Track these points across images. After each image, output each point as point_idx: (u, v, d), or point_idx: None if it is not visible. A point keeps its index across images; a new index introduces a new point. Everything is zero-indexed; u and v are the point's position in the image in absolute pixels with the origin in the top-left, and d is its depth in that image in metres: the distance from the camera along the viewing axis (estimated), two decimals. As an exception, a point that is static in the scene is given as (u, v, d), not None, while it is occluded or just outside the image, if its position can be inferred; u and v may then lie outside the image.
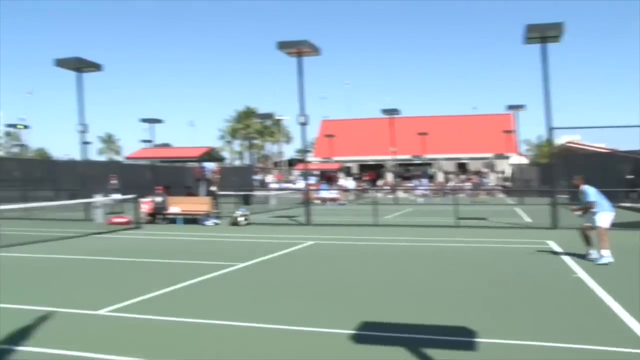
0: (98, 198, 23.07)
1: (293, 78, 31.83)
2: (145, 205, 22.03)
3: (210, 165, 27.21)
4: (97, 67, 24.15)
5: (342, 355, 5.33)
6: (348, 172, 61.60)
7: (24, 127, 58.88)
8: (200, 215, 21.43)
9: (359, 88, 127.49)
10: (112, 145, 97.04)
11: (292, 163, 73.50)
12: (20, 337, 5.92)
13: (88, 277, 10.05)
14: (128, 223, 20.55)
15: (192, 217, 21.74)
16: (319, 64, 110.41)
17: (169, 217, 21.88)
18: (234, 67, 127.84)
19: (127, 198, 22.97)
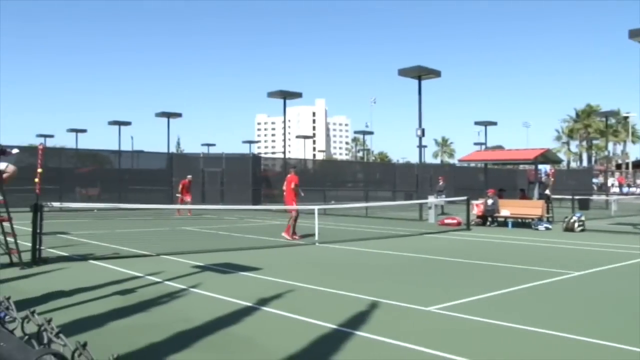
0: (431, 199, 24.01)
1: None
2: (476, 208, 22.16)
3: (545, 168, 26.06)
4: (437, 74, 25.01)
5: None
6: None
7: (369, 133, 64.49)
8: (532, 219, 20.64)
9: None
10: (446, 148, 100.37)
11: (638, 165, 65.76)
12: (358, 323, 6.46)
13: (419, 274, 10.49)
14: (458, 224, 20.90)
15: (523, 220, 21.10)
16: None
17: (499, 219, 21.59)
18: (573, 63, 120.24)
19: (458, 200, 23.42)
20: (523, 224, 21.08)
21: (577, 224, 19.35)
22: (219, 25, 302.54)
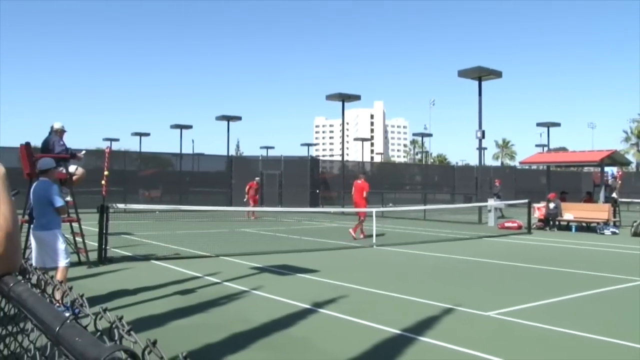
0: (490, 202, 23.57)
1: None
2: (538, 211, 21.63)
3: (612, 170, 25.17)
4: (497, 74, 24.55)
5: None
6: None
7: (427, 135, 63.81)
8: (598, 223, 19.97)
9: None
10: (507, 150, 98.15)
11: None
12: (415, 327, 6.43)
13: (478, 278, 10.34)
14: (519, 228, 20.46)
15: (588, 224, 20.45)
16: None
17: (562, 223, 21.00)
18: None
19: (519, 203, 22.89)
20: (588, 228, 20.44)
21: (646, 229, 18.62)
22: (278, 29, 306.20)
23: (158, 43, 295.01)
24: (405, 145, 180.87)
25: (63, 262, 7.22)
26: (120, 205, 13.15)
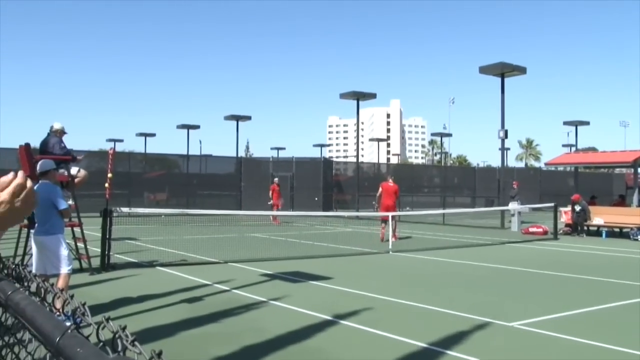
0: (513, 205, 23.43)
1: None
2: (565, 215, 21.47)
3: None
4: (522, 70, 24.41)
5: None
6: None
7: (447, 135, 63.62)
8: (631, 229, 19.77)
9: None
10: (531, 151, 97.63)
11: None
12: (433, 337, 6.38)
13: (500, 286, 10.27)
14: (544, 233, 20.31)
15: (619, 230, 20.26)
16: None
17: (592, 228, 20.82)
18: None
19: (544, 207, 22.75)
20: (620, 234, 20.25)
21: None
22: (289, 26, 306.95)
23: (164, 40, 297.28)
24: (423, 146, 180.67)
25: (65, 268, 7.25)
26: (125, 209, 13.24)
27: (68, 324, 1.11)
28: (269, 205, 26.47)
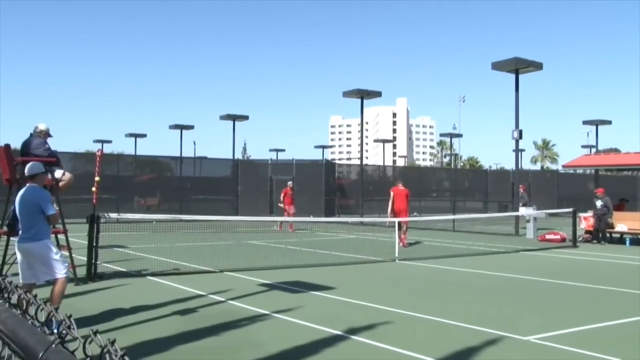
0: (528, 211, 23.41)
1: None
2: (584, 221, 21.45)
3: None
4: (537, 66, 24.36)
5: None
6: None
7: (457, 135, 63.60)
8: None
9: None
10: (547, 152, 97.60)
11: None
12: (443, 352, 6.37)
13: (514, 298, 10.25)
14: (562, 240, 20.30)
15: (643, 237, 20.25)
16: None
17: (614, 235, 20.79)
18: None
19: (562, 212, 22.73)
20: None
21: None
22: (288, 19, 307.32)
23: (154, 33, 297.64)
24: (432, 147, 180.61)
25: (62, 272, 7.17)
26: (113, 215, 13.20)
27: (52, 338, 1.10)
28: (280, 209, 26.29)
